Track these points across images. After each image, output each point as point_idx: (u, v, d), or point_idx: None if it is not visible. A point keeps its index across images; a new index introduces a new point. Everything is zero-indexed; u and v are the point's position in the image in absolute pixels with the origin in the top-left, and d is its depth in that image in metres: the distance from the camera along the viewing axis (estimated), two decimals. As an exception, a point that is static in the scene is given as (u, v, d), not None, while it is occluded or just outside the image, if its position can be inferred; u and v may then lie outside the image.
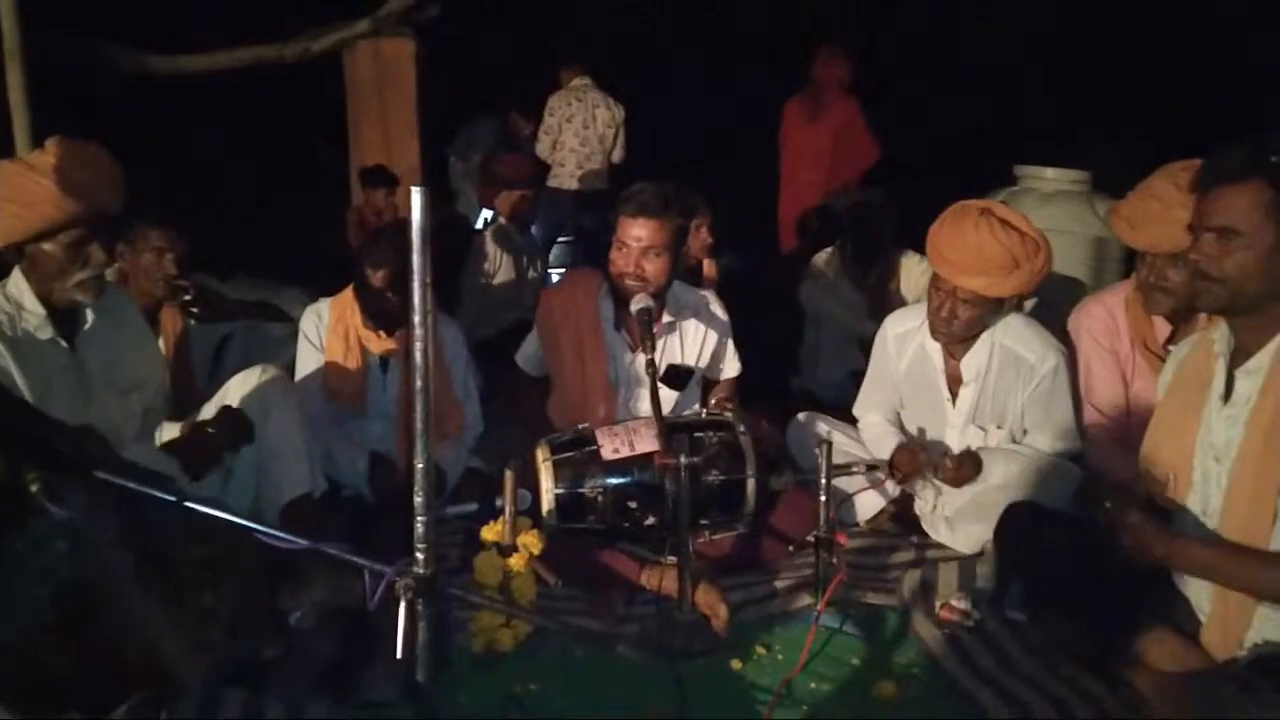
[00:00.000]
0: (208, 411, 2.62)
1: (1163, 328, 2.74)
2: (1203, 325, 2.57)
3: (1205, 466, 1.97)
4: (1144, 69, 7.51)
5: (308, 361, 3.11)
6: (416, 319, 1.61)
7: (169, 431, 2.55)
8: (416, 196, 1.55)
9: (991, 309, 2.72)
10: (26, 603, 1.51)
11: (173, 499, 1.58)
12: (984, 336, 2.80)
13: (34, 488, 1.48)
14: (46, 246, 2.28)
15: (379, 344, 3.09)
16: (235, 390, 2.62)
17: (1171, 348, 2.72)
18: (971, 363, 2.83)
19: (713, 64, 9.02)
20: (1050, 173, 4.64)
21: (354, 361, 3.08)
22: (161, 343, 2.99)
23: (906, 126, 6.66)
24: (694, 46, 9.16)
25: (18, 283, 2.34)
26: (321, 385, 3.07)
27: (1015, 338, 2.79)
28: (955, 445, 2.87)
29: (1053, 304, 3.49)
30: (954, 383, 2.88)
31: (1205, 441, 1.97)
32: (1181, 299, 2.59)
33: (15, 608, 1.50)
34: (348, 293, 3.15)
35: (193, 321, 3.14)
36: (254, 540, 2.18)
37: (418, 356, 1.63)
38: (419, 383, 1.62)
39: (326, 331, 3.10)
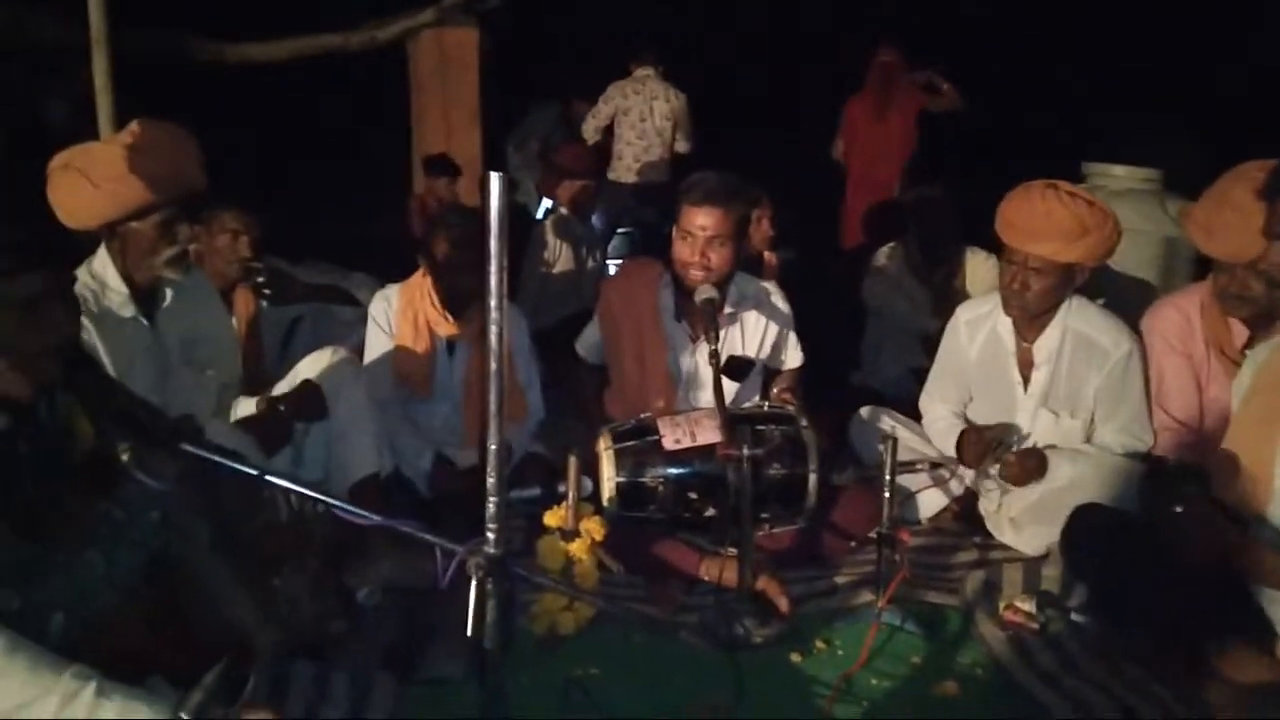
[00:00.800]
0: (282, 390, 2.68)
1: (1240, 332, 2.67)
2: (1283, 330, 2.51)
3: None
4: (1211, 65, 7.33)
5: (376, 345, 3.16)
6: (492, 303, 1.63)
7: (244, 406, 2.61)
8: (495, 182, 1.56)
9: (1063, 280, 2.72)
10: (123, 570, 1.56)
11: (254, 473, 1.62)
12: (1056, 319, 2.81)
13: (125, 457, 1.53)
14: (138, 225, 2.35)
15: (447, 327, 3.13)
16: (305, 370, 2.67)
17: (1248, 352, 2.66)
18: (1044, 345, 2.83)
19: (775, 61, 8.98)
20: (1119, 170, 4.55)
21: (422, 345, 3.12)
22: (235, 323, 3.06)
23: (966, 124, 6.61)
24: (757, 43, 9.13)
25: (103, 261, 2.41)
26: (390, 369, 3.11)
27: (1088, 322, 2.80)
28: (1026, 430, 2.86)
29: (1121, 304, 3.42)
30: (1026, 367, 2.88)
31: None
32: (1264, 306, 2.53)
33: (112, 573, 1.56)
34: (416, 278, 3.19)
35: (265, 303, 3.21)
36: (324, 517, 2.24)
37: (493, 340, 1.65)
38: (493, 365, 1.65)
39: (395, 316, 3.14)
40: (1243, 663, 2.01)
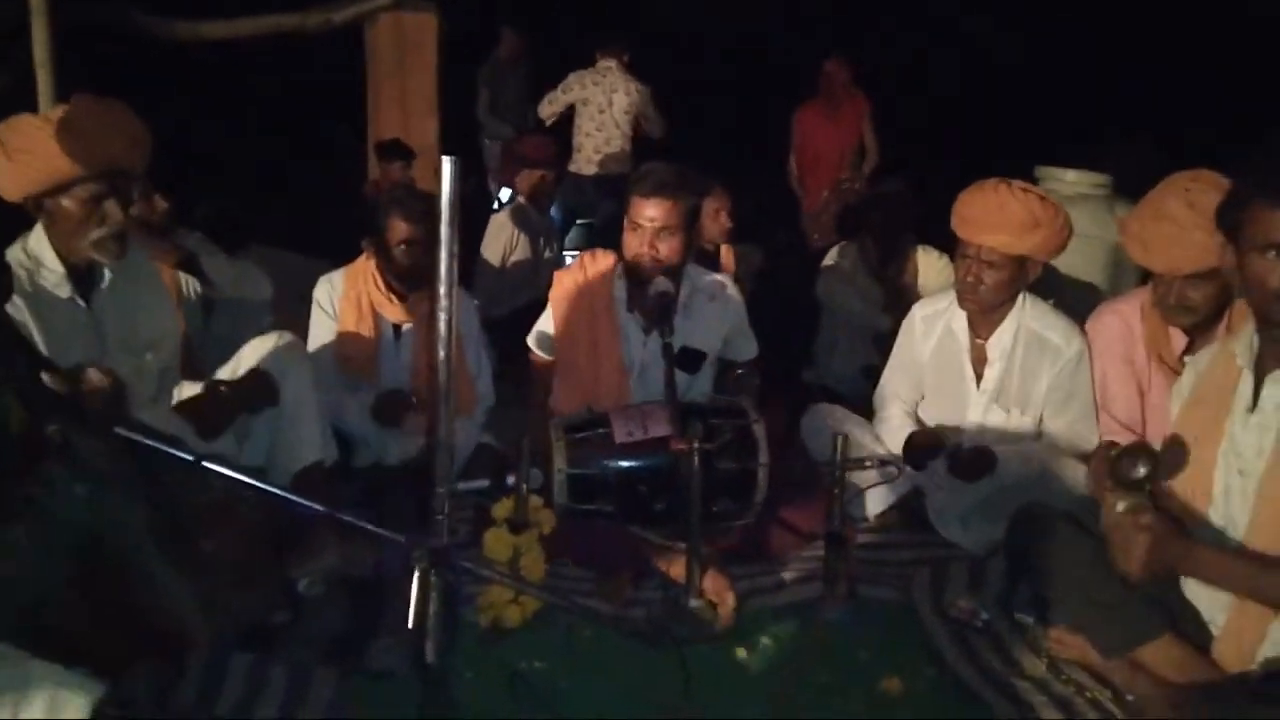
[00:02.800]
0: (226, 375, 2.61)
1: (1179, 339, 2.71)
2: (1220, 336, 2.54)
3: (1228, 481, 1.94)
4: (1159, 72, 7.48)
5: (321, 330, 3.12)
6: (442, 289, 1.61)
7: (188, 390, 2.54)
8: (447, 166, 1.54)
9: (1015, 273, 2.78)
10: (50, 550, 1.51)
11: (190, 458, 1.57)
12: (1010, 316, 2.86)
13: (53, 436, 1.48)
14: (64, 201, 2.28)
15: (394, 311, 3.09)
16: (250, 355, 2.61)
17: (1188, 359, 2.70)
18: (997, 342, 2.88)
19: (741, 58, 9.00)
20: (1071, 175, 4.61)
21: (367, 329, 3.09)
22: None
23: (921, 126, 6.74)
24: (722, 40, 9.15)
25: (39, 239, 2.33)
26: (334, 354, 3.06)
27: (1041, 320, 2.85)
28: (976, 427, 2.89)
29: (1069, 308, 3.46)
30: (979, 363, 2.93)
31: (1229, 454, 1.94)
32: (1203, 314, 2.57)
33: (40, 556, 1.50)
34: (361, 261, 3.16)
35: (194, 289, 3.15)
36: (257, 497, 2.19)
37: (442, 327, 1.63)
38: (442, 352, 1.62)
39: (340, 300, 3.11)
40: (1178, 661, 2.03)
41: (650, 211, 2.75)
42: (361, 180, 5.96)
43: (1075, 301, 3.63)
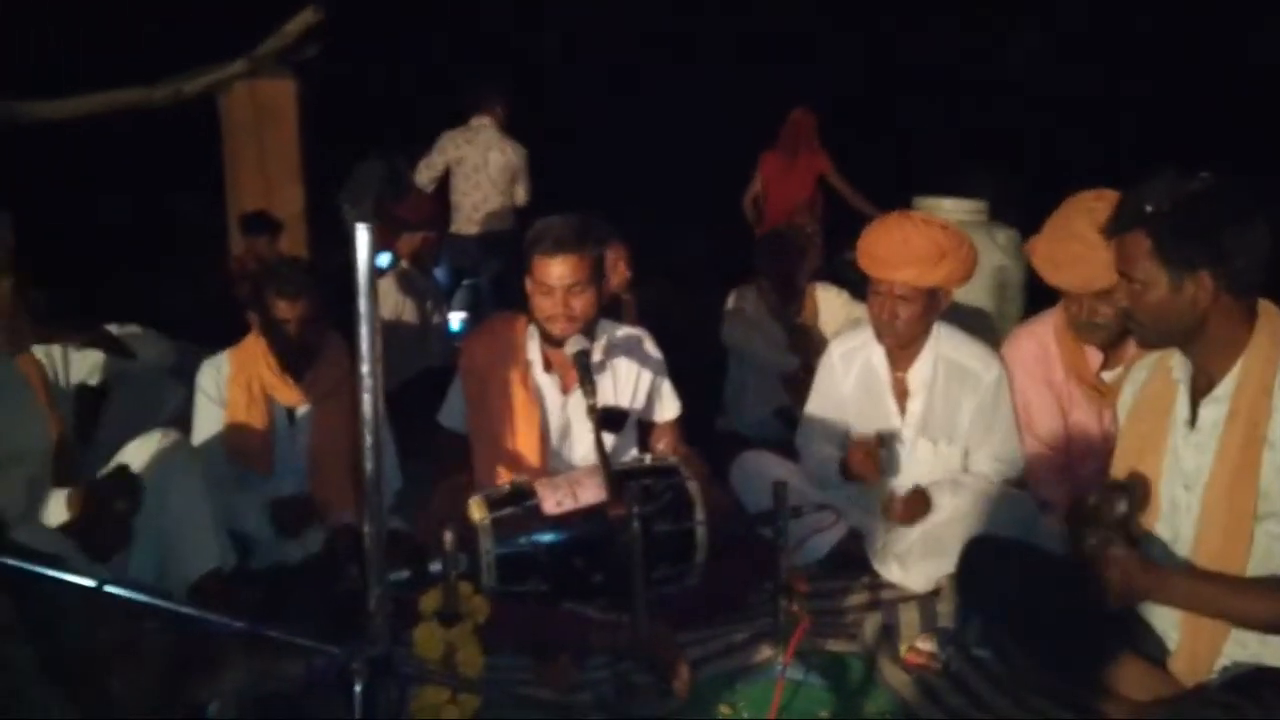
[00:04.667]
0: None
1: (1094, 356, 2.76)
2: (1134, 351, 2.59)
3: (1173, 494, 1.94)
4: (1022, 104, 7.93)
5: (207, 419, 2.87)
6: (364, 368, 1.46)
7: (56, 500, 2.26)
8: (363, 234, 1.42)
9: (928, 305, 2.80)
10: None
11: (93, 584, 1.36)
12: (927, 347, 2.87)
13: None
14: None
15: (287, 394, 2.87)
16: (132, 457, 2.36)
17: (1105, 374, 2.75)
18: (917, 374, 2.88)
19: (618, 100, 9.08)
20: (948, 204, 4.72)
21: (259, 415, 2.86)
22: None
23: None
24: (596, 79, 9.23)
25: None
26: (224, 444, 2.82)
27: (957, 349, 2.88)
28: (906, 460, 2.89)
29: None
30: (901, 396, 2.92)
31: (1173, 469, 1.94)
32: (1115, 331, 2.62)
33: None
34: (249, 341, 2.94)
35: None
36: (158, 622, 1.95)
37: (367, 408, 1.48)
38: (369, 439, 1.47)
39: (227, 384, 2.87)
40: (1139, 679, 2.02)
41: (557, 270, 2.64)
42: (225, 254, 5.65)
43: (964, 326, 3.68)
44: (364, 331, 1.44)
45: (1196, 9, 7.78)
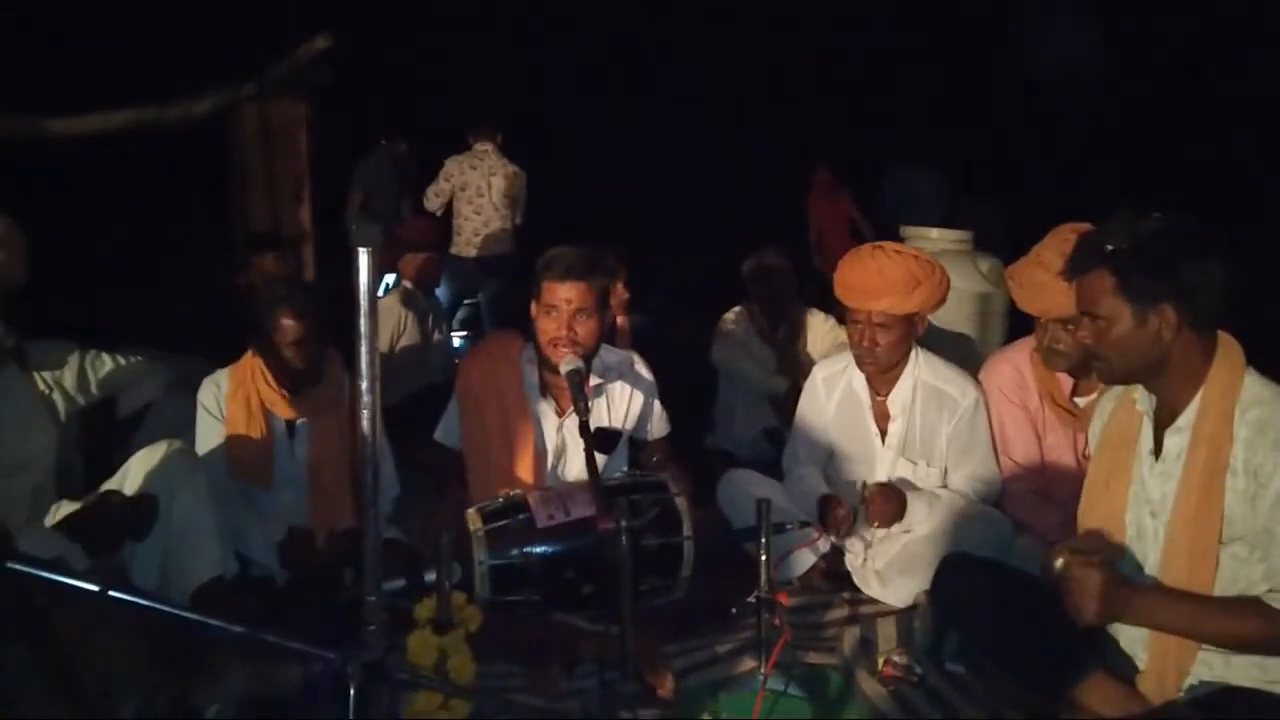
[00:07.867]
0: (114, 487, 2.43)
1: (1066, 381, 2.85)
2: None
3: (1140, 521, 2.01)
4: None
5: (209, 435, 2.94)
6: (364, 384, 1.55)
7: (67, 509, 2.34)
8: (364, 257, 1.51)
9: (906, 331, 2.89)
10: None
11: (96, 589, 1.44)
12: (907, 372, 2.96)
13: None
14: None
15: (285, 408, 2.95)
16: (138, 467, 2.44)
17: (1078, 400, 2.83)
18: (897, 397, 2.96)
19: (617, 127, 9.21)
20: (934, 233, 4.83)
21: (258, 430, 2.93)
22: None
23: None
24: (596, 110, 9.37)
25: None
26: (225, 458, 2.89)
27: (935, 374, 2.96)
28: (886, 480, 2.93)
29: (945, 357, 3.58)
30: (882, 419, 3.00)
31: (1139, 497, 2.01)
32: (1076, 359, 2.69)
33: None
34: (246, 359, 3.01)
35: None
36: (158, 626, 2.01)
37: (365, 424, 1.57)
38: (368, 451, 1.57)
39: (226, 400, 2.95)
40: (1110, 697, 2.08)
41: (565, 294, 2.72)
42: (231, 273, 5.74)
43: (948, 351, 3.76)
44: (364, 350, 1.53)
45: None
